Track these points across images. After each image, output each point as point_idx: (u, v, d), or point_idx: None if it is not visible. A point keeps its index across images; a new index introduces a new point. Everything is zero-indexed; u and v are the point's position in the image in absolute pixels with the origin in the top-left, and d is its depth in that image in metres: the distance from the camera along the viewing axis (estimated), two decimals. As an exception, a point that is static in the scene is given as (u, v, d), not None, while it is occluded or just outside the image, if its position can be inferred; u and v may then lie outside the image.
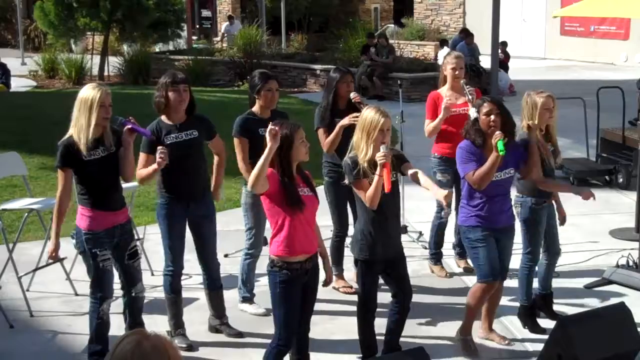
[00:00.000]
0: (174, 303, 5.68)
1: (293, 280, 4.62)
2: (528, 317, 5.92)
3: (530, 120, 5.65)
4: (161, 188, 5.56)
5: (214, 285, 5.80)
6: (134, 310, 5.36)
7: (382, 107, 5.17)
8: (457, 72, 6.72)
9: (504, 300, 6.06)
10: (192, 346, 5.62)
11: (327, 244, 6.83)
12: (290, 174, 4.62)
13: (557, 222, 6.01)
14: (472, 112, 5.42)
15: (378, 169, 4.87)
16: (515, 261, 6.13)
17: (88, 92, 5.01)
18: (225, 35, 24.36)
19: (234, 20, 25.50)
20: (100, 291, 5.17)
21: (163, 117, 5.50)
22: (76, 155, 5.01)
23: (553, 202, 5.92)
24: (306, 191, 4.69)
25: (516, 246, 6.15)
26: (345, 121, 6.15)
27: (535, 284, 6.04)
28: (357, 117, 5.58)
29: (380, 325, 5.31)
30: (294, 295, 4.65)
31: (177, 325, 5.69)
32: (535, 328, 5.86)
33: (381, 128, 4.92)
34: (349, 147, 5.10)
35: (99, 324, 5.20)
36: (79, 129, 4.99)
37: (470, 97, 6.38)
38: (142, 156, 5.44)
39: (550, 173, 5.77)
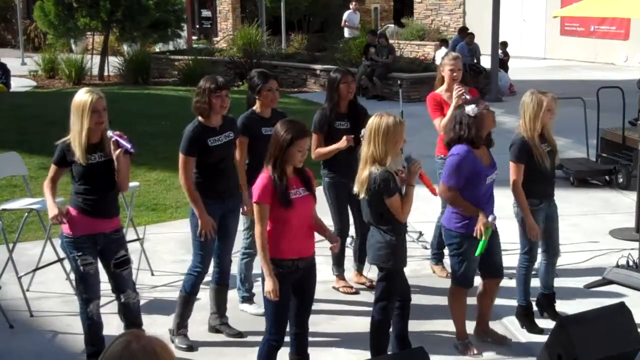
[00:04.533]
0: (187, 303, 5.69)
1: (283, 277, 4.62)
2: (526, 317, 5.92)
3: (530, 119, 5.61)
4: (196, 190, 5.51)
5: (223, 280, 5.81)
6: (127, 314, 5.34)
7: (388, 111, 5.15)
8: (454, 74, 6.70)
9: (504, 301, 6.06)
10: (192, 347, 5.62)
11: (327, 244, 6.83)
12: (283, 174, 4.59)
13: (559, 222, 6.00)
14: (471, 109, 5.26)
15: (410, 178, 4.93)
16: (513, 261, 6.13)
17: (80, 97, 5.01)
18: (347, 22, 22.69)
19: (358, 7, 23.68)
20: (85, 293, 5.16)
21: (200, 119, 5.50)
22: (71, 157, 5.03)
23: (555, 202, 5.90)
24: (301, 191, 4.66)
25: (514, 246, 6.16)
26: (342, 145, 6.17)
27: (537, 283, 6.04)
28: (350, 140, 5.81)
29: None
30: (284, 292, 4.64)
31: (181, 325, 5.69)
32: (533, 328, 5.86)
33: (403, 134, 4.95)
34: (362, 159, 5.03)
35: (90, 325, 5.20)
36: (74, 134, 5.00)
37: (464, 96, 6.32)
38: (184, 159, 5.40)
39: (545, 174, 5.72)
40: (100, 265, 5.20)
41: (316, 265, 4.89)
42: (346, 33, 22.39)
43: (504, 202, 6.04)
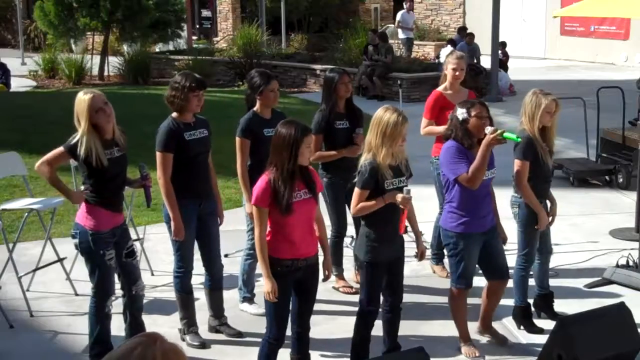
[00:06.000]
0: (186, 303, 5.70)
1: (284, 276, 4.61)
2: (523, 318, 5.91)
3: (529, 119, 5.62)
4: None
5: (215, 285, 5.80)
6: (134, 309, 5.37)
7: (396, 107, 5.13)
8: (457, 73, 6.72)
9: (505, 301, 6.05)
10: (204, 344, 5.65)
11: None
12: (290, 178, 4.56)
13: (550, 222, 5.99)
14: (461, 113, 5.25)
15: (390, 199, 4.89)
16: (510, 262, 6.12)
17: (80, 100, 4.99)
18: (401, 23, 21.77)
19: (411, 5, 22.45)
20: (105, 290, 5.18)
21: (174, 115, 5.51)
22: (87, 155, 4.99)
23: (547, 202, 5.89)
24: (302, 194, 4.64)
25: (510, 246, 6.16)
26: (347, 153, 6.21)
27: (532, 283, 6.04)
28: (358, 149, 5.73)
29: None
30: (284, 291, 4.64)
31: (190, 324, 5.71)
32: (532, 328, 5.86)
33: (402, 133, 4.91)
34: (365, 147, 5.04)
35: (104, 322, 5.22)
36: (89, 139, 4.97)
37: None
38: (162, 156, 5.40)
39: (546, 173, 5.73)
40: None
41: (319, 265, 4.87)
42: (400, 34, 21.66)
43: (504, 203, 6.04)
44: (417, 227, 5.32)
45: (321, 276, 4.91)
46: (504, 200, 5.86)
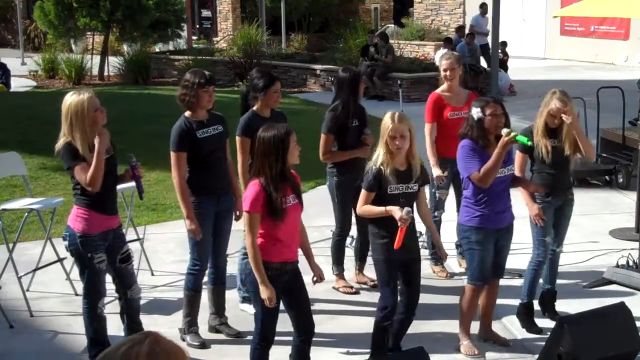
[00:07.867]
0: (193, 301, 5.71)
1: (273, 280, 4.58)
2: (527, 315, 5.92)
3: (539, 115, 5.69)
4: (189, 186, 5.52)
5: (219, 280, 5.81)
6: (131, 311, 5.37)
7: (400, 111, 5.14)
8: (448, 74, 6.76)
9: (504, 300, 6.06)
10: (204, 344, 5.65)
11: (328, 244, 6.85)
12: (280, 182, 4.54)
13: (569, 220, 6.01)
14: (476, 113, 5.30)
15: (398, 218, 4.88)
16: (520, 261, 6.12)
17: (77, 99, 4.92)
18: (474, 27, 19.50)
19: (486, 9, 19.25)
20: (95, 291, 5.17)
21: (187, 114, 5.53)
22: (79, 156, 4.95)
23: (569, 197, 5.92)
24: (291, 199, 4.62)
25: (522, 245, 6.16)
26: (358, 154, 6.24)
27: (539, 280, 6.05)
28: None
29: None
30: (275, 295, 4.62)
31: (191, 323, 5.72)
32: (532, 327, 5.87)
33: (391, 135, 4.91)
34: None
35: (99, 324, 5.21)
36: (81, 138, 4.91)
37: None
38: (175, 155, 5.45)
39: (548, 167, 5.75)
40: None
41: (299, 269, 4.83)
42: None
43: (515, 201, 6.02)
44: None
45: (310, 280, 4.85)
46: (520, 198, 5.84)
